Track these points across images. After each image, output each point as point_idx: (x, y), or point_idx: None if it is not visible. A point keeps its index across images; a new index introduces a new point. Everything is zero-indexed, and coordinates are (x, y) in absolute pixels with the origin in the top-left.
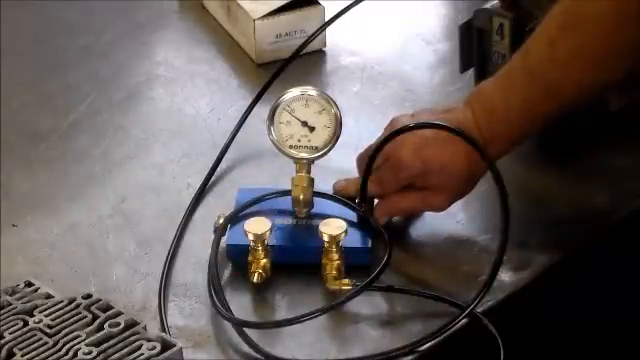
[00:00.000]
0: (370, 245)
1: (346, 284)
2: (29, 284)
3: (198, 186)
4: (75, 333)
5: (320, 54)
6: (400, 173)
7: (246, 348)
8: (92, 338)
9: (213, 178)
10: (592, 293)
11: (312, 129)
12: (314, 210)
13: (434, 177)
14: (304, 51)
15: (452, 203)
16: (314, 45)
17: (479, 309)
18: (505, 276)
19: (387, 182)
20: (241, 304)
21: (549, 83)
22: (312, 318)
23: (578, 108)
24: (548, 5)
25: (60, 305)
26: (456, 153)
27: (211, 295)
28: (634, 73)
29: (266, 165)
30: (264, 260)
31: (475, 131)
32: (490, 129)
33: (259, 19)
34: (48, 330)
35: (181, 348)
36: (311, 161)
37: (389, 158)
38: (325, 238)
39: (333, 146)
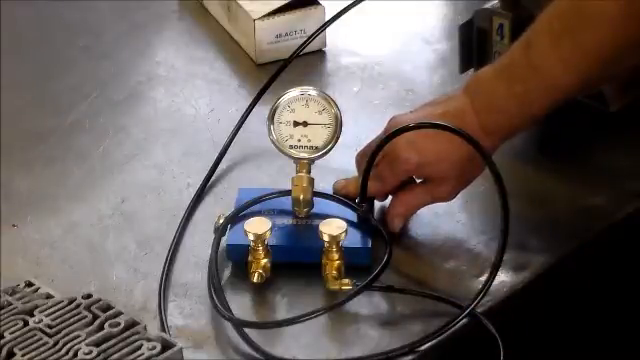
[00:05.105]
0: (370, 245)
1: (346, 284)
2: (29, 284)
3: (198, 186)
4: (75, 333)
5: (320, 54)
6: (397, 167)
7: (246, 348)
8: (92, 338)
9: (213, 178)
10: (592, 293)
11: (312, 129)
12: (314, 210)
13: (432, 168)
14: (304, 51)
15: (459, 191)
16: (314, 45)
17: (479, 309)
18: (505, 276)
19: (386, 177)
20: (241, 304)
21: (552, 77)
22: (312, 318)
23: (576, 98)
24: (548, 5)
25: (60, 305)
26: (452, 141)
27: (211, 295)
28: (634, 71)
29: (266, 165)
30: (264, 260)
31: (474, 120)
32: (490, 119)
33: (259, 19)
34: (48, 330)
35: (181, 348)
36: (311, 161)
37: (386, 154)
38: (325, 238)
39: (333, 146)
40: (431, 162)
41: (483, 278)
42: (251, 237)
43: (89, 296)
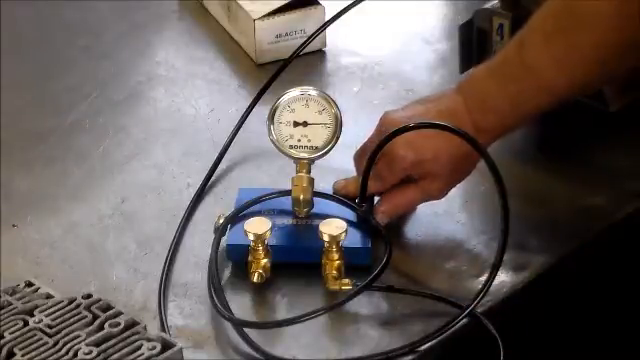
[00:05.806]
0: (370, 245)
1: (346, 284)
2: (29, 284)
3: (198, 186)
4: (75, 333)
5: (320, 54)
6: (395, 165)
7: (246, 348)
8: (92, 338)
9: (213, 178)
10: (592, 293)
11: (312, 129)
12: (314, 210)
13: (429, 165)
14: (304, 51)
15: (450, 189)
16: (314, 45)
17: (479, 309)
18: (505, 276)
19: (385, 177)
20: (241, 304)
21: (545, 78)
22: (312, 318)
23: (571, 101)
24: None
25: (60, 305)
26: (451, 140)
27: (211, 295)
28: (633, 72)
29: (266, 165)
30: (264, 260)
31: (467, 119)
32: (483, 118)
33: (259, 19)
34: (48, 330)
35: (181, 348)
36: (311, 161)
37: (385, 154)
38: (325, 238)
39: (333, 146)
40: (428, 159)
41: (483, 278)
42: (251, 237)
43: (89, 296)
